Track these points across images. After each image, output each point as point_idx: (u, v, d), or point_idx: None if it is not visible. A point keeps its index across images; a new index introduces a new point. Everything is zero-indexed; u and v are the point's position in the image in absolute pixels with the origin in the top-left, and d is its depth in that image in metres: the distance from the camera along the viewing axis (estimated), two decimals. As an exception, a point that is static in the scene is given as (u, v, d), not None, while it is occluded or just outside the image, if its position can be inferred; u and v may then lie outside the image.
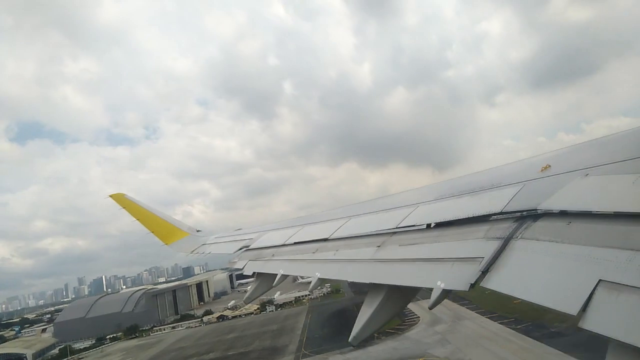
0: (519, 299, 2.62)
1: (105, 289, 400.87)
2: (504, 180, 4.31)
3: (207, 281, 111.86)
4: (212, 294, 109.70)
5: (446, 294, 3.22)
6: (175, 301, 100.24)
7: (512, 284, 2.75)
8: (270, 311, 76.46)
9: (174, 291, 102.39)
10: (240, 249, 8.89)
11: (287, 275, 6.21)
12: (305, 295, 77.67)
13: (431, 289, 3.34)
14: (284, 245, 7.36)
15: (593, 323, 2.08)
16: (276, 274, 6.33)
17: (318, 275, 5.19)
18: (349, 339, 4.10)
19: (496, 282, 2.83)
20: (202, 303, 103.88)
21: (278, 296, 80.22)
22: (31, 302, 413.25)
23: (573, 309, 2.19)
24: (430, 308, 3.39)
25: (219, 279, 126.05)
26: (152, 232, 13.23)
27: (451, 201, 4.84)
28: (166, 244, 12.99)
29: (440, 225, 4.34)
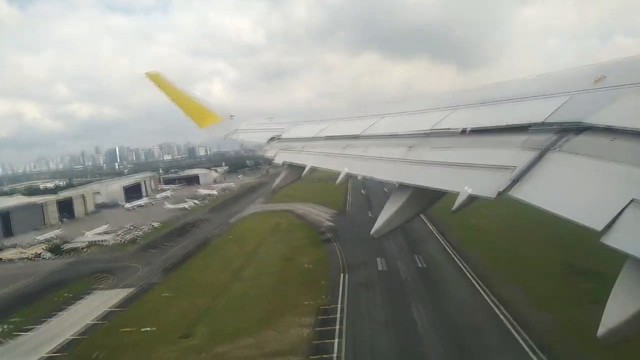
0: (545, 210, 2.63)
1: (118, 160, 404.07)
2: (550, 89, 4.10)
3: (83, 195, 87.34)
4: (89, 209, 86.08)
5: (471, 199, 3.28)
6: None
7: (540, 195, 2.78)
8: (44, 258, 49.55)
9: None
10: (272, 138, 9.17)
11: (316, 168, 6.36)
12: (104, 240, 53.61)
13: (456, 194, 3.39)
14: (314, 138, 7.48)
15: (617, 240, 2.10)
16: (305, 166, 6.57)
17: (346, 170, 5.31)
18: (371, 232, 4.24)
19: (524, 192, 2.86)
20: (64, 221, 75.98)
21: (83, 237, 55.74)
22: (52, 166, 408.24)
23: (599, 224, 2.21)
24: (454, 211, 3.45)
25: (112, 189, 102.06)
26: (187, 114, 13.38)
27: (490, 107, 4.71)
28: (200, 126, 13.24)
29: (475, 131, 4.25)
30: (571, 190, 2.75)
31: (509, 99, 4.65)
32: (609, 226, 2.21)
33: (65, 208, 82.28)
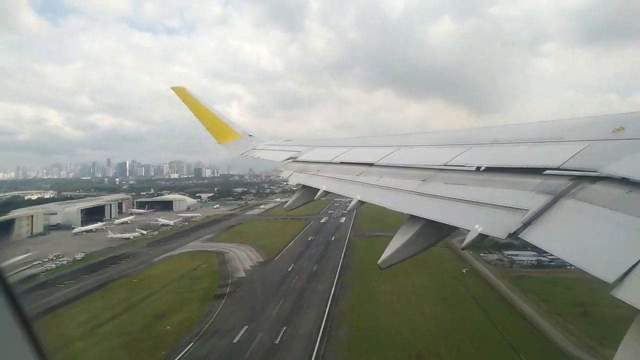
0: (555, 256, 2.66)
1: (127, 174, 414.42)
2: (567, 136, 4.12)
3: (32, 216, 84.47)
4: (37, 231, 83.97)
5: (482, 238, 3.28)
6: None
7: (552, 241, 2.76)
8: None
9: None
10: (288, 159, 9.22)
11: (329, 192, 6.42)
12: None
13: (466, 231, 3.38)
14: (330, 162, 7.54)
15: (628, 293, 2.08)
16: (318, 189, 6.60)
17: (358, 197, 5.34)
18: (378, 262, 4.22)
19: (536, 236, 2.84)
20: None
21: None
22: (63, 173, 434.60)
23: (610, 277, 2.19)
24: (463, 249, 3.58)
25: (68, 211, 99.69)
26: (208, 128, 13.65)
27: (506, 147, 4.76)
28: (219, 142, 13.47)
29: (490, 170, 4.27)
30: (584, 238, 2.72)
31: (525, 141, 4.64)
32: (620, 279, 2.18)
33: (5, 229, 78.32)
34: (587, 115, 4.92)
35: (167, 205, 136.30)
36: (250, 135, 13.97)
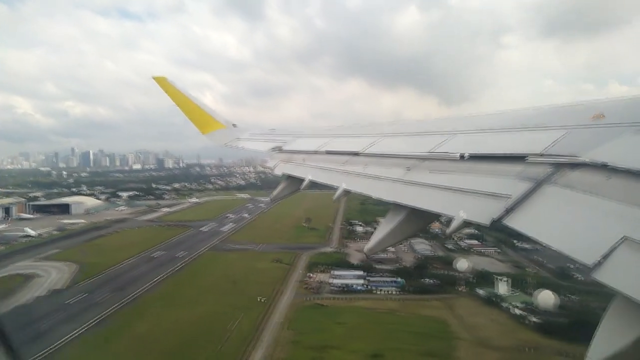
0: (538, 240, 2.69)
1: (91, 165, 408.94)
2: (548, 123, 4.17)
3: None
4: None
5: (466, 224, 3.35)
6: None
7: (534, 226, 2.82)
8: None
9: None
10: (273, 149, 9.17)
11: (314, 182, 6.40)
12: None
13: (451, 218, 3.45)
14: (315, 152, 7.50)
15: (607, 275, 2.14)
16: (304, 179, 6.61)
17: (344, 186, 5.38)
18: (364, 249, 4.35)
19: (518, 222, 2.90)
20: None
21: None
22: (26, 164, 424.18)
23: (590, 260, 2.25)
24: (448, 235, 4.26)
25: None
26: (191, 119, 13.38)
27: (489, 135, 4.78)
28: (202, 132, 13.18)
29: (473, 157, 4.31)
30: (564, 223, 2.76)
31: (507, 128, 4.70)
32: (600, 262, 2.24)
33: None
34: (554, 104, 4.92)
35: (65, 209, 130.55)
36: (234, 125, 13.69)
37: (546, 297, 49.46)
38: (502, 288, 57.81)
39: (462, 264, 63.97)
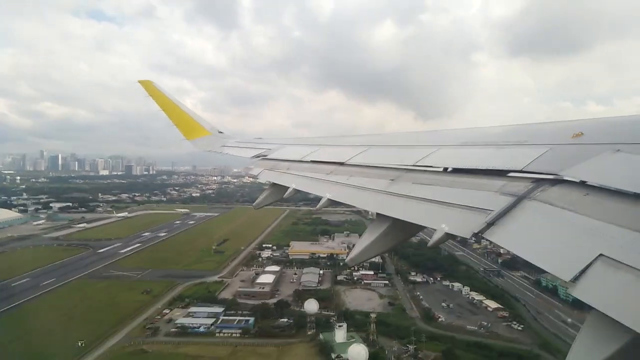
0: (517, 255, 2.75)
1: (60, 169, 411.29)
2: (530, 139, 4.27)
3: None
4: None
5: (447, 237, 3.36)
6: None
7: (514, 240, 2.86)
8: None
9: None
10: (257, 156, 9.16)
11: (299, 190, 6.41)
12: None
13: (432, 230, 3.48)
14: (300, 161, 7.53)
15: (583, 292, 2.18)
16: (288, 187, 6.59)
17: (328, 195, 5.35)
18: (346, 260, 4.48)
19: (499, 236, 2.94)
20: None
21: None
22: None
23: (567, 276, 2.29)
24: (429, 247, 3.75)
25: None
26: (176, 124, 13.20)
27: (472, 150, 4.88)
28: (188, 138, 13.05)
29: (457, 171, 4.37)
30: (543, 238, 2.80)
31: (490, 143, 4.79)
32: (576, 278, 2.27)
33: None
34: (516, 123, 5.22)
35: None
36: (220, 132, 13.54)
37: (357, 351, 46.61)
38: (339, 335, 54.80)
39: (311, 305, 60.93)
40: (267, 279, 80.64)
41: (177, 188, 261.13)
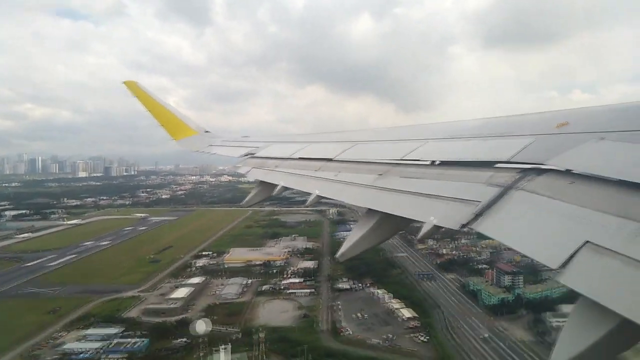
0: (505, 244, 2.80)
1: (39, 171, 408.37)
2: (516, 130, 4.33)
3: None
4: None
5: (436, 229, 3.37)
6: None
7: (501, 230, 2.89)
8: None
9: None
10: (245, 155, 9.14)
11: (287, 187, 6.44)
12: None
13: (422, 223, 3.50)
14: (289, 158, 7.53)
15: (570, 279, 2.20)
16: (277, 185, 6.61)
17: (317, 192, 5.40)
18: (337, 255, 4.35)
19: (486, 227, 2.97)
20: None
21: None
22: None
23: (554, 263, 2.31)
24: (419, 240, 3.99)
25: None
26: (162, 125, 13.17)
27: (459, 142, 4.93)
28: (175, 139, 13.03)
29: (444, 164, 4.42)
30: (530, 227, 2.82)
31: (476, 135, 4.81)
32: (564, 265, 2.29)
33: None
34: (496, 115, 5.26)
35: None
36: (206, 132, 13.53)
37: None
38: (222, 358, 52.40)
39: (200, 326, 57.99)
40: (181, 293, 75.57)
41: (148, 190, 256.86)
